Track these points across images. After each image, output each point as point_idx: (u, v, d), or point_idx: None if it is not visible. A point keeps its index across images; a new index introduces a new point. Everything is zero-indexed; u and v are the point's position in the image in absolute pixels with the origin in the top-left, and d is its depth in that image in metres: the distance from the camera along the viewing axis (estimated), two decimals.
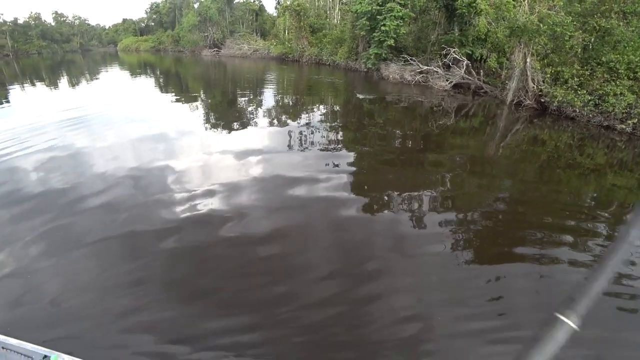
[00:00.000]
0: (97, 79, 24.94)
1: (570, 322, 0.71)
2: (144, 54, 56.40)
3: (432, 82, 17.47)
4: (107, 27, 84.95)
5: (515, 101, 13.21)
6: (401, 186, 6.48)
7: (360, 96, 16.13)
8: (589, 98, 11.13)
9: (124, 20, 79.15)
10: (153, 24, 69.08)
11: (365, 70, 24.43)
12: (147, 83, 22.90)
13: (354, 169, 7.31)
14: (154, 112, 12.69)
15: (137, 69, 33.36)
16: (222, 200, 5.61)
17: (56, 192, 5.85)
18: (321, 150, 8.22)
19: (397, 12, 19.55)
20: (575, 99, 11.26)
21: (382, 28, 19.88)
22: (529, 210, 5.84)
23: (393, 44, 20.41)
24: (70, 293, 3.63)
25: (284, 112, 12.42)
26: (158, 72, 30.09)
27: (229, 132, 9.84)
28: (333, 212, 5.44)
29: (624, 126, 10.27)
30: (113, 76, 26.71)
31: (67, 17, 70.07)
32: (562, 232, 5.07)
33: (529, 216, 5.58)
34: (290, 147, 8.45)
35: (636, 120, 10.09)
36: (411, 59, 19.01)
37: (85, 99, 15.92)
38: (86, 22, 75.66)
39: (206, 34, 49.28)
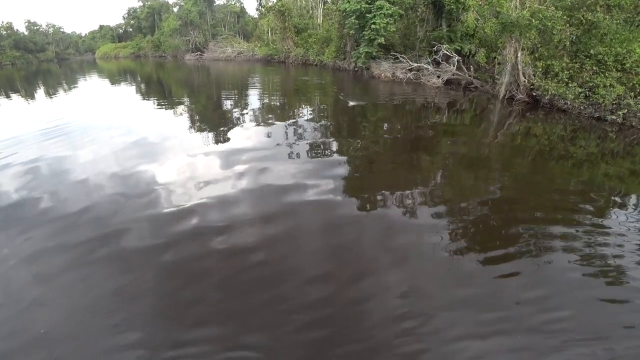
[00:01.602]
0: (75, 87, 23.92)
1: None
2: (123, 61, 54.79)
3: (424, 79, 17.47)
4: (83, 35, 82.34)
5: (507, 95, 13.30)
6: (395, 186, 6.37)
7: (351, 103, 14.15)
8: (580, 90, 11.27)
9: (101, 27, 76.83)
10: (131, 29, 67.27)
11: (354, 69, 24.26)
12: (128, 90, 22.11)
13: (346, 171, 7.18)
14: (137, 121, 12.20)
15: (117, 76, 32.27)
16: (213, 211, 5.43)
17: (37, 209, 5.52)
18: (312, 156, 8.00)
19: (387, 9, 19.47)
20: (567, 92, 11.39)
21: (373, 26, 19.76)
22: (523, 204, 5.88)
23: (383, 42, 20.33)
24: (59, 316, 3.49)
25: (271, 117, 12.11)
26: (139, 79, 29.21)
27: (215, 141, 9.50)
28: (326, 216, 5.39)
29: (614, 117, 10.43)
30: (92, 85, 25.72)
31: (41, 26, 67.09)
32: (555, 223, 5.14)
33: (524, 210, 5.63)
34: (279, 153, 8.16)
35: (626, 110, 10.25)
36: (401, 57, 18.97)
37: (63, 109, 15.18)
38: (61, 30, 72.71)
39: (188, 38, 48.28)
